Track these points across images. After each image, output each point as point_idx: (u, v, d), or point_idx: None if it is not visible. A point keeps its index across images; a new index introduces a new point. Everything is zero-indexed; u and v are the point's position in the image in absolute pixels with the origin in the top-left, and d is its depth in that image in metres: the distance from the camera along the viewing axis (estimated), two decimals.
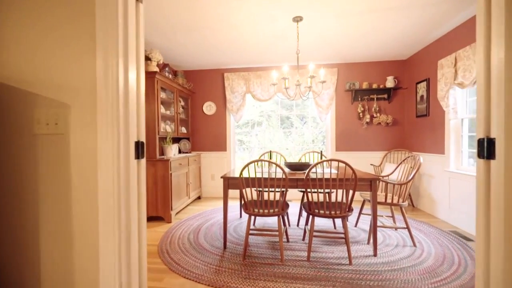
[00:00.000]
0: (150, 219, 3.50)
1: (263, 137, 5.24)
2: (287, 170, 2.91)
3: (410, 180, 2.51)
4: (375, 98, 4.41)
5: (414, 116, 4.10)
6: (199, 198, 4.70)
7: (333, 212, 2.23)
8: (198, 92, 4.87)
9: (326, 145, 4.71)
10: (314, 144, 4.96)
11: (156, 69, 3.49)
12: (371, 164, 4.32)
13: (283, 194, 2.26)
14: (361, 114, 4.46)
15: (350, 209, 2.27)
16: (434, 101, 3.58)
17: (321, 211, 2.27)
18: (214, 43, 3.62)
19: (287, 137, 5.21)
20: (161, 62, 3.61)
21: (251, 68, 4.73)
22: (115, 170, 1.07)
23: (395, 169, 3.03)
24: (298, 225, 3.18)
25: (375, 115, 4.39)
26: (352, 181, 2.26)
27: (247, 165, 2.21)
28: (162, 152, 3.66)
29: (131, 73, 1.16)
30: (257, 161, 2.20)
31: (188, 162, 4.10)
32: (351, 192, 3.54)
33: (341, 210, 2.21)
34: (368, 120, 4.40)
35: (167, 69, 3.99)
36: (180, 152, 4.63)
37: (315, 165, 2.13)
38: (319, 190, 3.21)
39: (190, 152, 4.68)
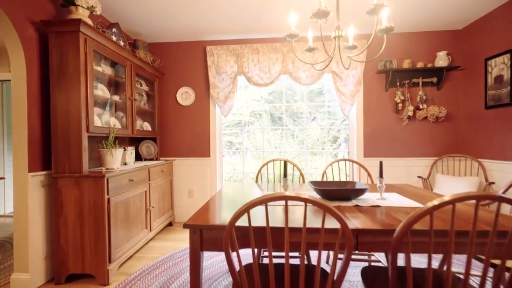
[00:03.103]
0: (72, 278, 2.04)
1: (260, 138, 3.88)
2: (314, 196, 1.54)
3: None
4: (420, 83, 3.13)
5: (481, 107, 2.84)
6: (170, 224, 3.27)
7: None
8: (169, 73, 3.45)
9: (350, 149, 3.38)
10: (325, 145, 3.63)
11: (88, 21, 2.06)
12: (418, 177, 3.03)
13: (339, 270, 0.91)
14: (400, 105, 3.16)
15: None
16: None
17: None
18: None
19: (290, 138, 3.86)
20: (97, 12, 2.18)
21: (245, 39, 3.36)
22: None
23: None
24: None
25: (421, 107, 3.11)
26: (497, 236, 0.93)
27: (251, 206, 0.83)
28: (101, 162, 2.22)
29: None
30: (276, 198, 0.82)
31: (149, 175, 2.67)
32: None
33: None
34: (410, 113, 3.11)
35: (114, 30, 2.56)
36: (141, 159, 3.19)
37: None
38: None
39: (156, 159, 3.24)
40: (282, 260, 1.98)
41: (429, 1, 2.51)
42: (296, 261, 2.06)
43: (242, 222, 1.09)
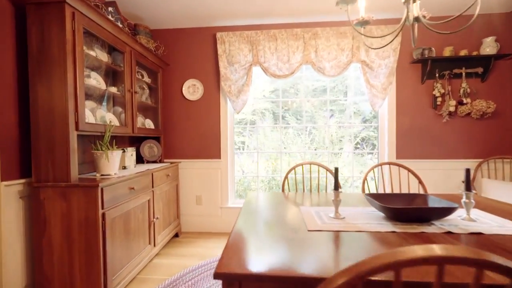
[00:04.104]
0: None
1: (269, 137, 3.50)
2: (384, 221, 1.15)
3: None
4: (463, 74, 2.72)
5: None
6: (176, 236, 2.88)
7: None
8: (175, 64, 3.04)
9: (379, 149, 2.98)
10: (342, 145, 3.24)
11: None
12: (463, 181, 2.63)
13: None
14: (439, 99, 2.76)
15: None
16: None
17: None
18: None
19: (302, 137, 3.46)
20: None
21: (260, 25, 2.95)
22: None
23: None
24: None
25: (464, 101, 2.70)
26: None
27: (361, 277, 0.44)
28: (95, 166, 1.82)
29: None
30: (421, 261, 0.42)
31: (153, 180, 2.27)
32: None
33: None
34: (452, 109, 2.71)
35: (111, 10, 2.16)
36: (143, 161, 2.79)
37: None
38: None
39: (159, 161, 2.85)
40: None
41: None
42: None
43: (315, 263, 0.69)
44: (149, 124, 2.78)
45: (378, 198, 1.27)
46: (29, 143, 1.65)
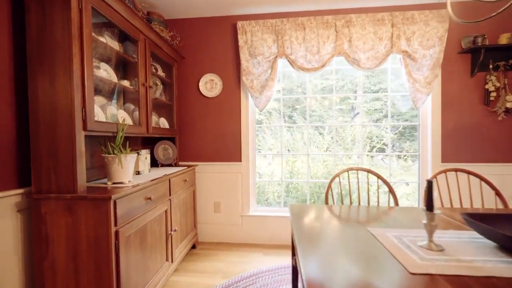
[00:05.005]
0: None
1: (285, 137, 3.21)
2: (504, 255, 0.83)
3: None
4: None
5: None
6: (193, 247, 2.59)
7: None
8: (190, 57, 2.76)
9: (421, 151, 2.64)
10: (367, 144, 2.92)
11: None
12: None
13: None
14: (492, 94, 2.42)
15: None
16: None
17: None
18: None
19: (319, 136, 3.15)
20: None
21: (286, 13, 2.65)
22: None
23: None
24: None
25: None
26: None
27: None
28: (106, 172, 1.54)
29: None
30: None
31: (170, 187, 1.99)
32: None
33: None
34: (509, 105, 2.36)
35: None
36: (158, 165, 2.52)
37: None
38: None
39: (175, 165, 2.57)
40: None
41: None
42: None
43: None
44: (164, 123, 2.51)
45: (483, 221, 0.95)
46: (28, 146, 1.39)
